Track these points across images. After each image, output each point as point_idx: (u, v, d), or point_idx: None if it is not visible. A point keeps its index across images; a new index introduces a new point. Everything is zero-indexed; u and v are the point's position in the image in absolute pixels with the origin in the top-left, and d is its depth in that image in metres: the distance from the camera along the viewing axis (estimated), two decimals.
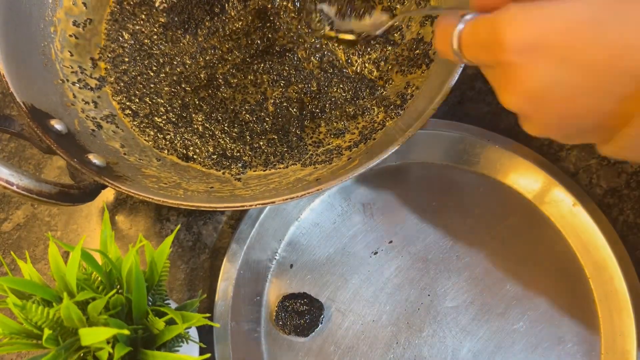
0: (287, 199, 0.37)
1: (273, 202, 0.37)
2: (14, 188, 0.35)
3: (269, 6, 0.50)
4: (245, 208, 0.37)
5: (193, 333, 0.45)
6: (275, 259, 0.48)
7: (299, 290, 0.47)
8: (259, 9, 0.50)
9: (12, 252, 0.51)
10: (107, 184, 0.39)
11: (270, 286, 0.47)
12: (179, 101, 0.48)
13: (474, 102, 0.52)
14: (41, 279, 0.34)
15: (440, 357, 0.44)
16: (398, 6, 0.49)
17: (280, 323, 0.45)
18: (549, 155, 0.49)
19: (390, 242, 0.47)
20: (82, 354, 0.32)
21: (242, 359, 0.44)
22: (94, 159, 0.40)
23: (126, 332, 0.30)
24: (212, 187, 0.43)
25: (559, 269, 0.46)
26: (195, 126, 0.47)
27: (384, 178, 0.49)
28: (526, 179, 0.47)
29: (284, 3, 0.50)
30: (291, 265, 0.48)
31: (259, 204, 0.37)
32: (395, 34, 0.48)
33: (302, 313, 0.44)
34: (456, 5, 0.42)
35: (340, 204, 0.49)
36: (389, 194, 0.49)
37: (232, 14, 0.51)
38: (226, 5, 0.51)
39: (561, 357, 0.43)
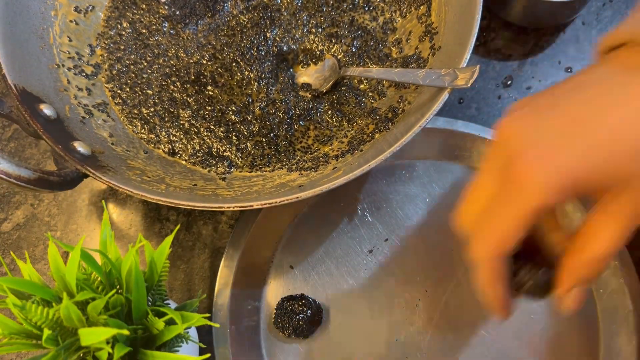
0: (265, 204, 0.36)
1: (251, 206, 0.37)
2: None
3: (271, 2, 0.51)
4: (222, 209, 0.37)
5: (193, 333, 0.45)
6: (272, 260, 0.48)
7: (298, 291, 0.47)
8: (261, 4, 0.51)
9: (11, 252, 0.51)
10: (88, 173, 0.38)
11: (268, 288, 0.47)
12: (168, 95, 0.48)
13: (474, 102, 0.52)
14: (41, 279, 0.34)
15: (439, 354, 0.44)
16: (399, 19, 0.49)
17: (280, 325, 0.45)
18: None
19: (386, 240, 0.47)
20: (81, 354, 0.32)
21: (242, 357, 0.44)
22: (80, 146, 0.40)
23: (126, 332, 0.30)
24: (195, 185, 0.43)
25: None
26: (182, 122, 0.47)
27: (379, 176, 0.49)
28: None
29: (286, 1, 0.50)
30: (291, 267, 0.48)
31: (237, 207, 0.37)
32: (393, 48, 0.48)
33: (301, 315, 0.44)
34: (443, 64, 0.42)
35: (337, 203, 0.49)
36: (383, 192, 0.49)
37: (235, 12, 0.51)
38: (228, 3, 0.51)
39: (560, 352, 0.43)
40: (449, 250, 0.47)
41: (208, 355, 0.36)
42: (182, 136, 0.47)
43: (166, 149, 0.46)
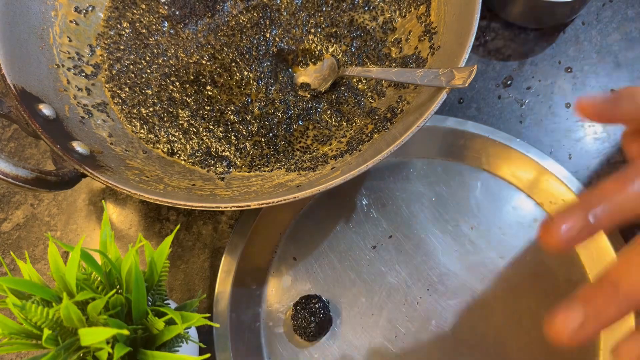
0: (262, 204, 0.37)
1: (248, 206, 0.37)
2: None
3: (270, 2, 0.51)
4: (220, 209, 0.37)
5: (193, 333, 0.45)
6: (272, 260, 0.48)
7: (299, 289, 0.47)
8: (260, 4, 0.51)
9: (11, 252, 0.51)
10: (86, 172, 0.38)
11: (268, 288, 0.47)
12: (167, 94, 0.48)
13: (474, 102, 0.52)
14: (41, 279, 0.34)
15: (439, 352, 0.44)
16: (399, 19, 0.49)
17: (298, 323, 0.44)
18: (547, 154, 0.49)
19: (390, 236, 0.48)
20: (81, 354, 0.32)
21: (242, 357, 0.44)
22: (78, 146, 0.40)
23: (126, 332, 0.30)
24: (194, 184, 0.43)
25: (558, 263, 0.46)
26: (181, 122, 0.47)
27: (384, 173, 0.49)
28: (523, 172, 0.48)
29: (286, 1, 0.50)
30: (294, 258, 0.48)
31: (235, 207, 0.37)
32: (392, 48, 0.48)
33: (316, 316, 0.44)
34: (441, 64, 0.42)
35: (342, 199, 0.49)
36: (389, 189, 0.49)
37: (234, 12, 0.51)
38: (228, 3, 0.51)
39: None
40: (452, 247, 0.47)
41: (208, 355, 0.36)
42: (181, 136, 0.47)
43: (165, 149, 0.47)
